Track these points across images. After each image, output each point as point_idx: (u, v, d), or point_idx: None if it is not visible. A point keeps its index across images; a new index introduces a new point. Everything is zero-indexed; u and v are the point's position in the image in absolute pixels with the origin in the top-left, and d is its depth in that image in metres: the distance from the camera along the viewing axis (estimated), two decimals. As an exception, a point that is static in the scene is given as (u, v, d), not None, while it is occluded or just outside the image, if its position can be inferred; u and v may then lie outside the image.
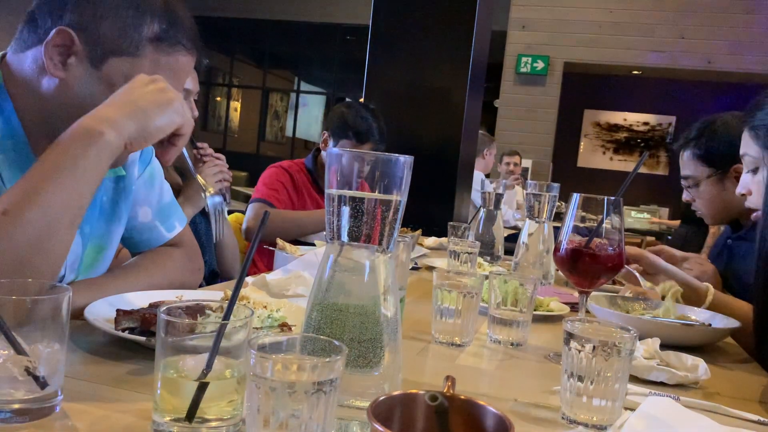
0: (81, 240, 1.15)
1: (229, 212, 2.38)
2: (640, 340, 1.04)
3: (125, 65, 1.03)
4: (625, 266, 1.52)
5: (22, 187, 0.87)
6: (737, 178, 1.91)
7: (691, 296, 1.47)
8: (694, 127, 2.05)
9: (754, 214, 1.55)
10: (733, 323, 1.35)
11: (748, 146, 1.49)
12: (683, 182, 2.07)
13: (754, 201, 1.52)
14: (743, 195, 1.56)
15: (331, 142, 2.57)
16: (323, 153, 2.60)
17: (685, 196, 2.12)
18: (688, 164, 2.03)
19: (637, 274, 1.57)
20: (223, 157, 2.10)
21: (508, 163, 6.01)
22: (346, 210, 0.68)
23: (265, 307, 1.09)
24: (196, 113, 1.97)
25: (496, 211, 2.13)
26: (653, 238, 6.50)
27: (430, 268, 1.93)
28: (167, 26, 1.05)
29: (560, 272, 1.23)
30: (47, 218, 0.86)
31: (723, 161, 1.95)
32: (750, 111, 1.48)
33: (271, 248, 1.87)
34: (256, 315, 1.05)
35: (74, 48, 1.00)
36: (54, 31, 0.99)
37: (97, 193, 1.20)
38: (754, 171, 1.51)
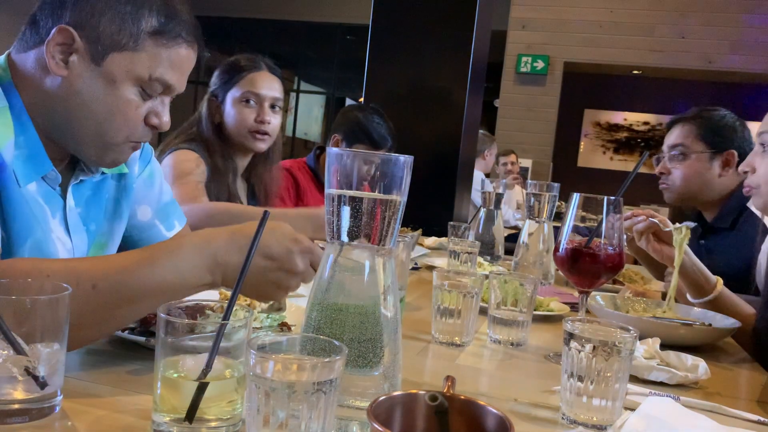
0: (87, 238, 1.16)
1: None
2: (640, 340, 1.04)
3: (126, 60, 1.03)
4: (650, 219, 1.53)
5: (120, 267, 0.86)
6: (726, 164, 2.00)
7: (701, 282, 1.46)
8: (690, 111, 2.11)
9: (746, 189, 1.55)
10: (733, 323, 1.35)
11: None
12: (669, 151, 2.09)
13: (755, 179, 1.51)
14: (746, 172, 1.54)
15: (343, 145, 2.52)
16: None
17: (659, 168, 2.14)
18: (682, 135, 2.07)
19: (659, 223, 1.52)
20: None
21: (505, 164, 6.02)
22: (346, 210, 0.68)
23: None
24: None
25: (496, 211, 2.13)
26: None
27: (430, 268, 1.92)
28: (166, 19, 1.05)
29: (560, 272, 1.23)
30: (125, 308, 0.86)
31: (721, 143, 2.01)
32: None
33: None
34: (255, 315, 1.05)
35: (75, 46, 1.01)
36: (55, 29, 1.00)
37: (101, 193, 1.20)
38: None
